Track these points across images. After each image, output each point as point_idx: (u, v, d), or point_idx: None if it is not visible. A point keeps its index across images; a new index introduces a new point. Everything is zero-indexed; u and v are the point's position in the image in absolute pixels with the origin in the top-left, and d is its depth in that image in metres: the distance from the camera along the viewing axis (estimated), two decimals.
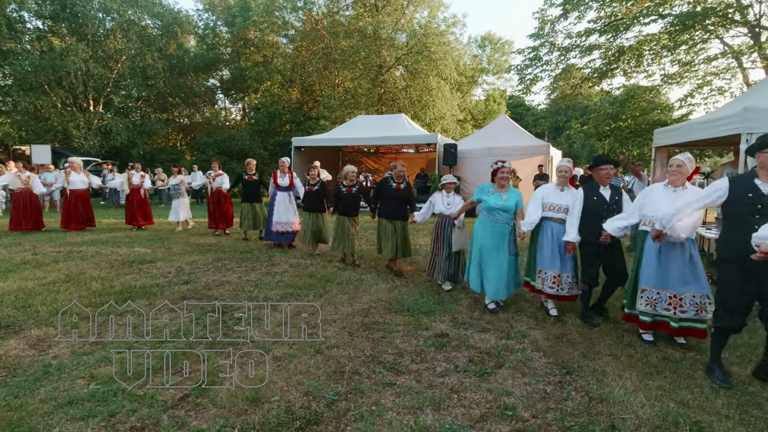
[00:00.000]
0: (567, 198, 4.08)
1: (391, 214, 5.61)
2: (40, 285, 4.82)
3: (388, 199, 5.63)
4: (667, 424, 2.39)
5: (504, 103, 36.03)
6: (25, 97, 18.77)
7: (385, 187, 5.68)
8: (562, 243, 4.01)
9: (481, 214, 4.37)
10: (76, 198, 9.03)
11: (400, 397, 2.64)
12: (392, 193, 5.61)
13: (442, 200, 5.09)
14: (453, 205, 5.01)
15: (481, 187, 4.41)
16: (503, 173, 4.27)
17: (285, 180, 7.33)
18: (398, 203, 5.61)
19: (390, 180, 5.71)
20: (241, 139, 21.87)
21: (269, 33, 25.61)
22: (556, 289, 4.02)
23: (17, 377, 2.79)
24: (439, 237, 5.04)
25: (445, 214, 5.00)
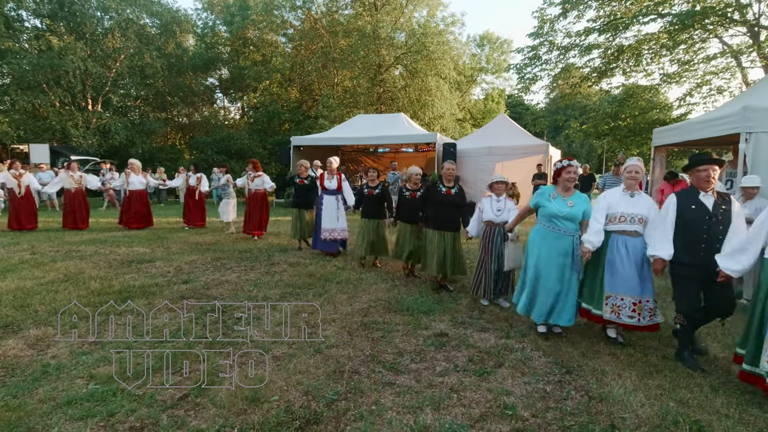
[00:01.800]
0: (640, 205, 3.36)
1: (440, 224, 4.77)
2: (38, 284, 4.81)
3: (437, 206, 4.78)
4: (667, 423, 2.39)
5: (503, 103, 36.05)
6: (24, 96, 18.70)
7: (433, 191, 4.84)
8: (641, 261, 3.31)
9: (539, 222, 3.67)
10: (136, 198, 9.39)
11: (400, 396, 2.64)
12: (441, 199, 4.74)
13: (491, 206, 4.38)
14: (504, 211, 4.30)
15: (541, 191, 3.70)
16: (570, 173, 3.52)
17: (333, 183, 6.62)
18: (449, 211, 4.76)
19: (439, 183, 4.87)
20: (240, 139, 21.84)
21: (268, 32, 25.55)
22: (637, 318, 3.24)
23: (16, 377, 2.78)
24: (487, 249, 4.34)
25: (495, 222, 4.31)
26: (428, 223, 4.93)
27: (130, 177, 9.40)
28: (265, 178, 8.16)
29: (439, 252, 4.72)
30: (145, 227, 9.47)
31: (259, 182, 8.13)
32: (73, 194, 9.14)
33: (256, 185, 8.15)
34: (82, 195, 9.25)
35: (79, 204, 9.17)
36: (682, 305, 3.15)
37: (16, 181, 8.78)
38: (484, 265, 4.39)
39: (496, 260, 4.28)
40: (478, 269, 4.45)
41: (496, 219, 4.32)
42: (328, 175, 6.67)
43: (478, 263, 4.47)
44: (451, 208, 4.77)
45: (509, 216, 4.24)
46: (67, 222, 9.08)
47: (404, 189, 5.47)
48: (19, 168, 9.05)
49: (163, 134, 26.29)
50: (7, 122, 18.80)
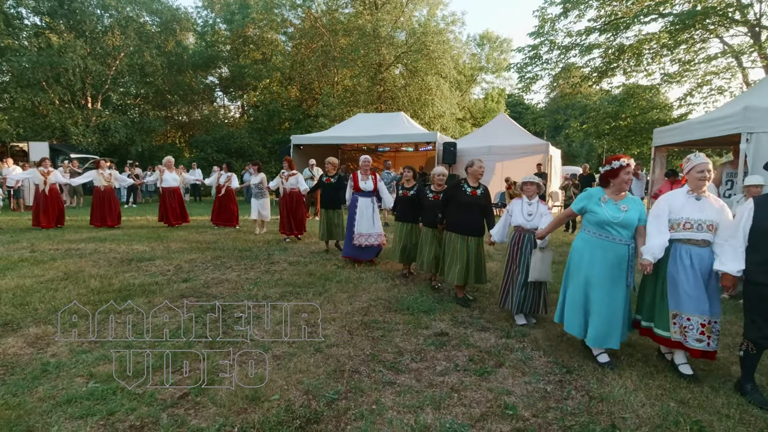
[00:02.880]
0: (708, 210, 2.89)
1: (464, 228, 4.32)
2: (38, 283, 4.80)
3: (461, 208, 4.33)
4: (668, 424, 2.38)
5: (503, 102, 36.04)
6: (23, 94, 18.68)
7: (458, 192, 4.37)
8: (707, 275, 2.86)
9: (586, 229, 3.21)
10: (169, 195, 9.47)
11: (400, 396, 2.64)
12: (466, 201, 4.30)
13: (521, 209, 3.93)
14: (536, 216, 3.85)
15: (588, 193, 3.24)
16: (628, 174, 3.06)
17: (368, 183, 6.01)
18: (473, 214, 4.32)
19: (463, 183, 4.41)
20: (240, 137, 21.84)
21: (268, 30, 25.54)
22: (706, 341, 2.79)
23: (15, 375, 2.78)
24: (515, 257, 3.90)
25: (525, 227, 3.87)
26: (449, 226, 4.45)
27: (164, 174, 9.44)
28: (299, 177, 7.82)
29: (461, 259, 4.28)
30: (182, 224, 9.55)
31: (294, 181, 7.83)
32: (103, 192, 9.24)
33: (291, 184, 7.83)
34: (111, 193, 9.35)
35: (109, 202, 9.27)
36: (752, 331, 2.67)
37: (43, 178, 8.91)
38: (512, 274, 3.94)
39: (525, 270, 3.80)
40: (506, 279, 3.99)
41: (526, 224, 3.85)
42: (362, 175, 6.06)
43: (505, 273, 4.02)
44: (475, 211, 4.31)
45: (541, 222, 3.79)
46: (94, 219, 9.16)
47: (428, 191, 5.04)
48: (48, 165, 9.20)
49: (163, 133, 26.29)
50: (6, 120, 18.78)
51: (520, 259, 3.85)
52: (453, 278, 4.35)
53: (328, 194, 6.72)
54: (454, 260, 4.34)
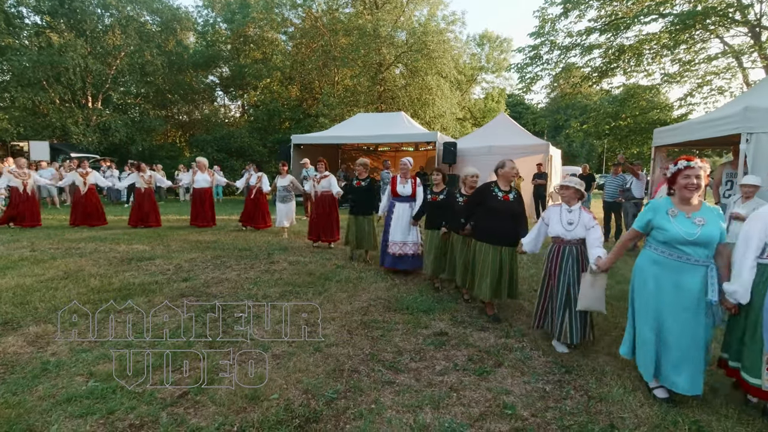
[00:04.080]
0: None
1: (495, 237, 3.86)
2: (38, 282, 4.81)
3: (491, 214, 3.87)
4: (666, 424, 2.39)
5: (503, 102, 36.04)
6: (23, 93, 18.68)
7: (487, 196, 3.91)
8: None
9: (651, 247, 2.65)
10: (199, 196, 9.38)
11: (400, 395, 2.64)
12: (497, 206, 3.84)
13: (560, 217, 3.36)
14: (577, 225, 3.26)
15: (654, 205, 2.66)
16: (689, 178, 2.49)
17: (407, 187, 5.57)
18: (505, 221, 3.85)
19: (494, 186, 3.95)
20: (241, 137, 21.84)
21: (268, 30, 25.53)
22: None
23: (15, 374, 2.78)
24: (553, 273, 3.36)
25: (565, 239, 3.32)
26: (478, 234, 4.00)
27: (196, 175, 9.38)
28: (332, 179, 7.21)
29: (493, 271, 3.84)
30: (210, 226, 9.42)
31: (326, 183, 7.19)
32: (143, 193, 9.38)
33: (323, 187, 7.18)
34: (150, 194, 9.50)
35: (148, 202, 9.40)
36: None
37: (82, 179, 9.16)
38: (550, 293, 3.41)
39: (565, 289, 3.27)
40: (543, 298, 3.47)
41: (566, 235, 3.29)
42: (401, 179, 5.61)
43: (541, 289, 3.49)
44: (508, 217, 3.85)
45: (587, 233, 3.22)
46: (133, 220, 9.30)
47: (458, 194, 4.58)
48: (87, 167, 9.47)
49: (164, 132, 26.29)
50: (7, 119, 18.79)
51: (560, 276, 3.30)
52: (483, 293, 3.89)
53: (360, 199, 6.16)
54: (484, 273, 3.88)
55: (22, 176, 8.82)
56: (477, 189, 4.15)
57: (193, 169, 9.77)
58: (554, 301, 3.36)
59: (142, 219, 9.29)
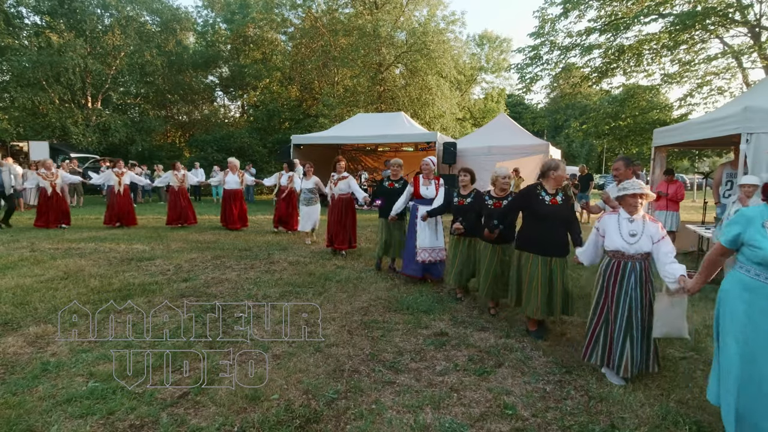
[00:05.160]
0: None
1: (544, 247, 3.42)
2: (38, 282, 4.81)
3: (538, 221, 3.44)
4: (667, 424, 2.39)
5: (503, 102, 36.06)
6: (23, 93, 18.69)
7: (533, 200, 3.46)
8: None
9: (741, 268, 2.16)
10: (230, 197, 9.23)
11: (400, 395, 2.64)
12: (545, 211, 3.41)
13: (619, 227, 2.85)
14: (641, 237, 2.77)
15: (744, 216, 2.15)
16: None
17: (430, 189, 5.17)
18: (555, 228, 3.42)
19: (540, 189, 3.49)
20: (240, 137, 21.85)
21: (268, 30, 25.54)
22: None
23: (15, 374, 2.78)
24: (610, 293, 2.85)
25: (627, 254, 2.81)
26: (523, 244, 3.56)
27: (227, 176, 9.28)
28: (351, 181, 6.59)
29: (544, 286, 3.40)
30: (241, 228, 9.23)
31: (345, 186, 6.54)
32: (177, 192, 9.46)
33: (341, 189, 6.55)
34: (184, 193, 9.58)
35: (182, 201, 9.46)
36: None
37: (118, 179, 9.25)
38: (605, 315, 2.90)
39: (626, 313, 2.79)
40: (596, 322, 2.93)
41: (627, 249, 2.80)
42: (423, 180, 5.22)
43: (594, 311, 2.96)
44: (558, 223, 3.43)
45: (654, 247, 2.75)
46: (170, 219, 9.39)
47: (487, 197, 4.19)
48: (122, 167, 9.54)
49: (163, 132, 26.30)
50: (6, 119, 18.81)
51: (620, 298, 2.81)
52: (535, 311, 3.43)
53: (392, 202, 5.55)
54: (533, 289, 3.42)
55: (50, 177, 8.89)
56: (520, 192, 3.73)
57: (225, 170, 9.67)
58: (610, 327, 2.85)
59: (180, 217, 9.39)
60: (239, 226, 9.24)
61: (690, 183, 25.46)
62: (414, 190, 5.26)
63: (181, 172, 9.62)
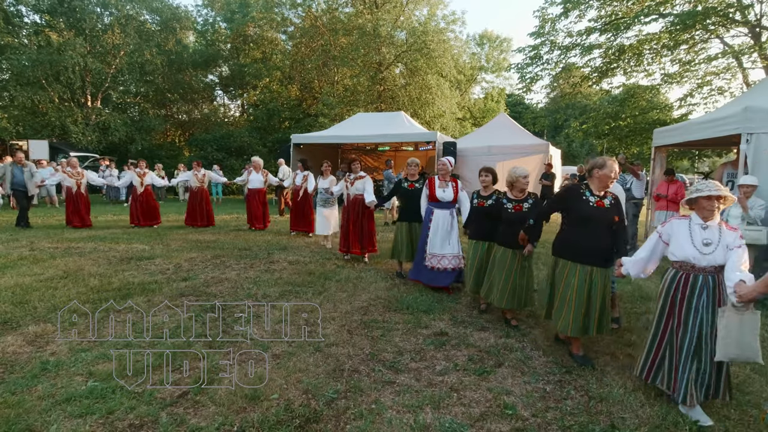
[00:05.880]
0: None
1: (585, 254, 3.01)
2: (37, 281, 4.80)
3: (580, 225, 3.05)
4: (667, 424, 2.39)
5: (503, 102, 36.05)
6: (23, 92, 18.67)
7: (576, 200, 3.08)
8: None
9: None
10: (254, 197, 9.14)
11: (400, 395, 2.64)
12: (590, 214, 3.01)
13: (690, 233, 2.47)
14: (717, 247, 2.40)
15: None
16: None
17: (447, 192, 4.83)
18: (600, 234, 3.02)
19: (584, 189, 3.11)
20: (240, 136, 21.84)
21: (268, 29, 25.52)
22: None
23: (15, 374, 2.77)
24: (676, 310, 2.50)
25: (698, 265, 2.44)
26: (560, 250, 3.18)
27: (251, 175, 9.16)
28: (368, 182, 6.16)
29: (580, 298, 2.98)
30: (263, 228, 9.14)
31: (360, 186, 6.16)
32: (196, 192, 9.36)
33: (357, 189, 6.18)
34: (204, 193, 9.45)
35: (201, 201, 9.37)
36: None
37: (139, 179, 9.22)
38: (669, 335, 2.54)
39: (696, 333, 2.42)
40: (658, 341, 2.59)
41: (699, 260, 2.42)
42: (439, 182, 4.88)
43: (655, 331, 2.60)
44: (603, 230, 3.02)
45: (731, 257, 2.34)
46: (189, 219, 9.33)
47: (505, 200, 3.89)
48: (144, 167, 9.50)
49: (163, 131, 26.29)
50: (6, 118, 18.79)
51: (688, 316, 2.45)
52: (569, 329, 3.02)
53: (411, 204, 5.25)
54: (568, 301, 3.03)
55: (76, 176, 8.89)
56: (562, 191, 3.33)
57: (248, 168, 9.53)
58: (675, 350, 2.50)
59: (199, 219, 9.31)
60: (263, 226, 9.13)
61: (690, 183, 25.48)
62: (429, 192, 4.91)
63: (201, 172, 9.45)
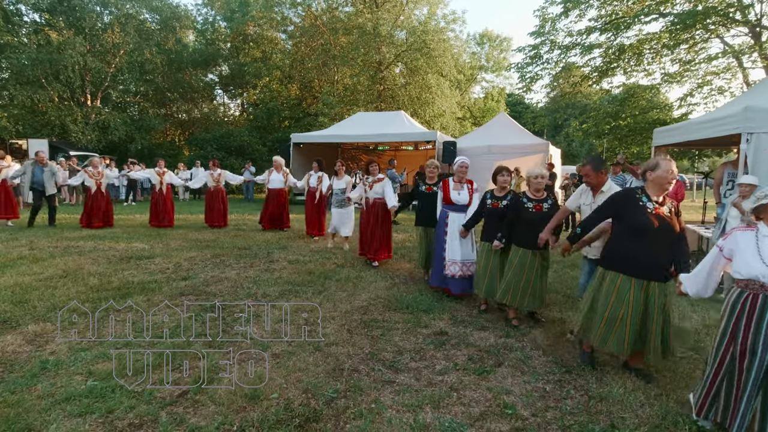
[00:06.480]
0: None
1: (640, 267, 2.69)
2: (37, 280, 4.80)
3: (636, 235, 2.70)
4: (667, 424, 2.39)
5: (503, 101, 36.05)
6: (22, 91, 18.65)
7: (632, 206, 2.74)
8: None
9: None
10: (273, 197, 8.84)
11: (400, 395, 2.64)
12: (646, 223, 2.65)
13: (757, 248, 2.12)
14: None
15: None
16: None
17: (463, 194, 4.57)
18: (657, 245, 2.68)
19: (640, 194, 2.76)
20: (240, 135, 21.85)
21: (268, 29, 25.52)
22: None
23: (14, 373, 2.77)
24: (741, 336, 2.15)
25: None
26: (611, 261, 2.84)
27: (271, 174, 8.84)
28: (387, 185, 5.91)
29: (635, 317, 2.67)
30: (281, 229, 8.85)
31: (379, 189, 5.92)
32: (213, 192, 9.23)
33: (376, 193, 5.94)
34: (220, 192, 9.30)
35: (218, 202, 9.25)
36: None
37: (159, 179, 9.23)
38: (731, 365, 2.20)
39: (763, 360, 2.08)
40: (716, 368, 2.26)
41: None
42: (454, 183, 4.64)
43: (713, 358, 2.28)
44: (661, 241, 2.68)
45: None
46: (209, 219, 9.25)
47: (524, 199, 3.76)
48: (163, 166, 9.52)
49: (163, 130, 26.28)
50: (5, 117, 18.76)
51: (756, 344, 2.10)
52: (624, 349, 2.70)
53: (428, 207, 4.99)
54: (622, 319, 2.69)
55: (97, 176, 8.88)
56: (614, 196, 2.96)
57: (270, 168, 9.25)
58: (737, 380, 2.17)
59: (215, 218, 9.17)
60: (277, 227, 8.87)
61: (690, 183, 25.49)
62: (444, 194, 4.66)
63: (217, 172, 9.27)
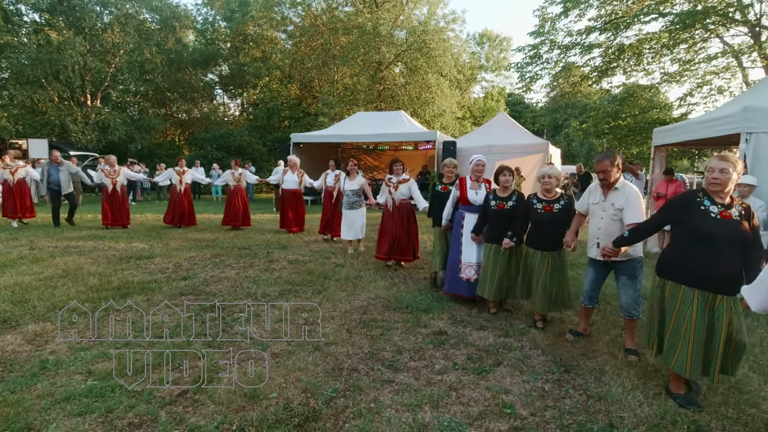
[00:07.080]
0: None
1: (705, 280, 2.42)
2: (36, 280, 4.80)
3: (699, 242, 2.46)
4: (665, 423, 2.39)
5: (503, 101, 36.04)
6: (22, 91, 18.66)
7: (693, 210, 2.50)
8: None
9: None
10: (288, 198, 8.65)
11: (399, 394, 2.64)
12: (709, 229, 2.41)
13: None
14: None
15: None
16: None
17: (480, 194, 4.34)
18: (725, 253, 2.40)
19: (701, 196, 2.52)
20: (240, 135, 21.87)
21: (268, 28, 25.52)
22: None
23: (14, 373, 2.78)
24: None
25: None
26: (666, 269, 2.62)
27: (286, 174, 8.64)
28: (413, 186, 5.73)
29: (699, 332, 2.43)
30: (299, 231, 8.67)
31: (405, 190, 5.68)
32: (233, 192, 9.14)
33: (402, 194, 5.68)
34: (241, 192, 9.20)
35: (240, 201, 9.13)
36: None
37: (179, 178, 9.17)
38: None
39: None
40: None
41: None
42: (471, 183, 4.42)
43: None
44: (729, 248, 2.39)
45: None
46: (227, 220, 9.12)
47: (534, 200, 3.71)
48: (183, 165, 9.43)
49: (163, 130, 26.29)
50: (5, 117, 18.77)
51: None
52: (686, 369, 2.45)
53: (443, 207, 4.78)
54: (684, 335, 2.46)
55: (112, 175, 8.82)
56: (675, 199, 2.70)
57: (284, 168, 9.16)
58: None
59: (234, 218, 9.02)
60: (297, 230, 8.65)
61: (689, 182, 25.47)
62: (461, 195, 4.45)
63: (238, 171, 9.14)
